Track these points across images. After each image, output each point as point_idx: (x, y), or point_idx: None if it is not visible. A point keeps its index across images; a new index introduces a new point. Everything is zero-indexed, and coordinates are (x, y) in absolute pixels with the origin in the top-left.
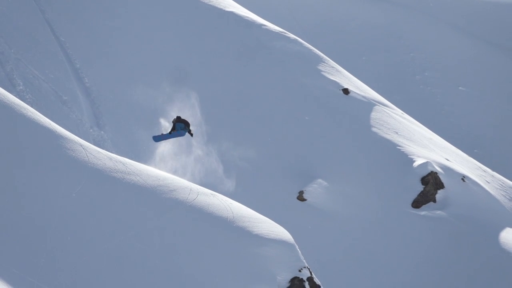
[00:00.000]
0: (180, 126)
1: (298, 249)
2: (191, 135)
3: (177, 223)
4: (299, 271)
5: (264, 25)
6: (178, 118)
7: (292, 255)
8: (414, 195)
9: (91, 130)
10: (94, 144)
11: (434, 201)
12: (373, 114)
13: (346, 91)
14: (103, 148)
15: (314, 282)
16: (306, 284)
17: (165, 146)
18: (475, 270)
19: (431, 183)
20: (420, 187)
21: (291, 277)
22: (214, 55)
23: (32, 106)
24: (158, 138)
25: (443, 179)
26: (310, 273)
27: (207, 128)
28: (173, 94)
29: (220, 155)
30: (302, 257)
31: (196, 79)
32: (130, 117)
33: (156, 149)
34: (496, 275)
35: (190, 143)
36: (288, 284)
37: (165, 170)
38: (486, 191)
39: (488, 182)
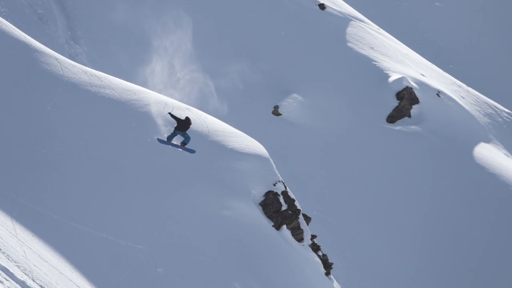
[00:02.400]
0: (180, 133)
1: (273, 163)
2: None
3: (153, 137)
4: (274, 185)
5: None
6: (186, 120)
7: (266, 169)
8: (389, 110)
9: (66, 44)
10: (69, 58)
11: (409, 116)
12: (349, 30)
13: (322, 6)
14: (78, 62)
15: (289, 196)
16: (281, 198)
17: (152, 72)
18: (450, 184)
19: (406, 98)
20: (395, 102)
21: (266, 191)
22: None
23: (6, 20)
24: (164, 141)
25: (418, 94)
26: (285, 187)
27: (180, 43)
28: (154, 13)
29: (197, 72)
30: (276, 171)
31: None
32: (106, 31)
33: (142, 71)
34: (471, 188)
35: (175, 67)
36: (263, 198)
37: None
38: (461, 106)
39: (463, 97)
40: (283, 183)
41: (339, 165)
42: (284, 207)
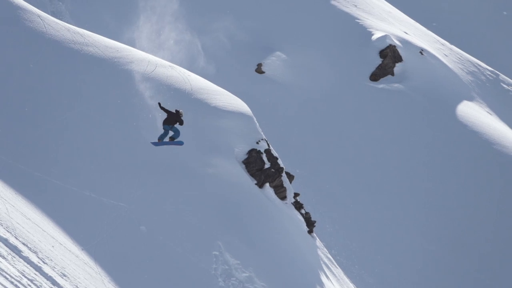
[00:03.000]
0: (168, 128)
1: (256, 121)
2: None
3: (135, 94)
4: (257, 143)
5: None
6: (176, 113)
7: (250, 127)
8: (372, 68)
9: (48, 2)
10: (52, 16)
11: (392, 74)
12: None
13: None
14: (61, 20)
15: (272, 154)
16: (264, 156)
17: (139, 31)
18: (432, 141)
19: (389, 56)
20: (378, 60)
21: (249, 149)
22: None
23: None
24: (157, 143)
25: (401, 52)
26: (268, 145)
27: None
28: None
29: (183, 31)
30: (260, 129)
31: None
32: None
33: (128, 31)
34: (453, 146)
35: (162, 27)
36: (246, 156)
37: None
38: (444, 64)
39: (446, 55)
40: (266, 141)
41: (322, 124)
42: (267, 165)
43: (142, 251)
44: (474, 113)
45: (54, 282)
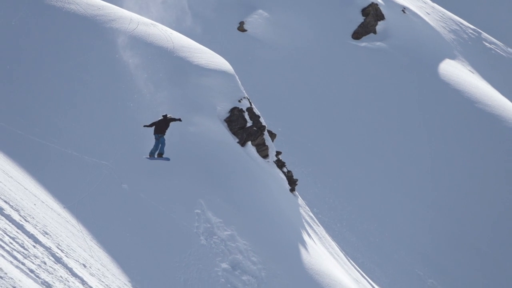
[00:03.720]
0: (157, 136)
1: (238, 80)
2: (180, 120)
3: (118, 52)
4: (239, 101)
5: None
6: (164, 118)
7: (232, 85)
8: (354, 26)
9: None
10: None
11: (375, 32)
12: None
13: None
14: None
15: (254, 112)
16: (246, 114)
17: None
18: (414, 100)
19: (371, 14)
20: (360, 19)
21: (231, 107)
22: None
23: None
24: (149, 158)
25: (383, 10)
26: (250, 103)
27: None
28: None
29: None
30: (242, 88)
31: None
32: None
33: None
34: (435, 104)
35: None
36: (228, 114)
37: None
38: (426, 22)
39: (428, 14)
40: (248, 99)
41: (304, 82)
42: (249, 123)
43: (124, 209)
44: (456, 71)
45: (36, 240)
